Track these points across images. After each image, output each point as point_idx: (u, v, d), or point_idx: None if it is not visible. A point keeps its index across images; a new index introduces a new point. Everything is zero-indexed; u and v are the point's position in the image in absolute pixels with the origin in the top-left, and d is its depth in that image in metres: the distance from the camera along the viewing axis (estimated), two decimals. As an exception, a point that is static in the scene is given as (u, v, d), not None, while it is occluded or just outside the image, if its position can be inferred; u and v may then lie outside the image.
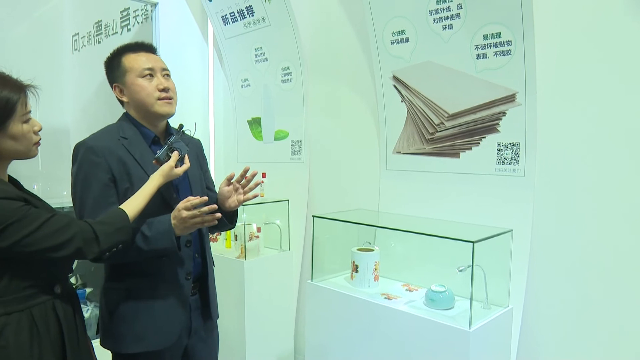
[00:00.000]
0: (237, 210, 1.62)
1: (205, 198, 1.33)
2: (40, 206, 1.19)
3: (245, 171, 1.50)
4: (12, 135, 1.14)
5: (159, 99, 1.45)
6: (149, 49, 1.51)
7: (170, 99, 1.48)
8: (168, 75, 1.50)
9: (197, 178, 1.58)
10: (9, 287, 1.12)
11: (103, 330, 1.48)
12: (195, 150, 1.64)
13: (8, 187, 1.15)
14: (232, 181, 1.51)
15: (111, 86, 1.51)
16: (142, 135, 1.48)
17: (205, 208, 1.32)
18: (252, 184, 1.53)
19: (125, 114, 1.51)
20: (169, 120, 1.56)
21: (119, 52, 1.49)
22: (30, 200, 1.17)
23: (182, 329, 1.48)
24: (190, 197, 1.34)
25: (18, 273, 1.13)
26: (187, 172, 1.52)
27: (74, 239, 1.14)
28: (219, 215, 1.35)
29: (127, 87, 1.46)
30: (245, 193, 1.53)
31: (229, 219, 1.60)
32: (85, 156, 1.38)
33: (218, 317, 1.66)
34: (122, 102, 1.52)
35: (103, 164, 1.37)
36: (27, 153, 1.20)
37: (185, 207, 1.32)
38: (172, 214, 1.36)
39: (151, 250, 1.36)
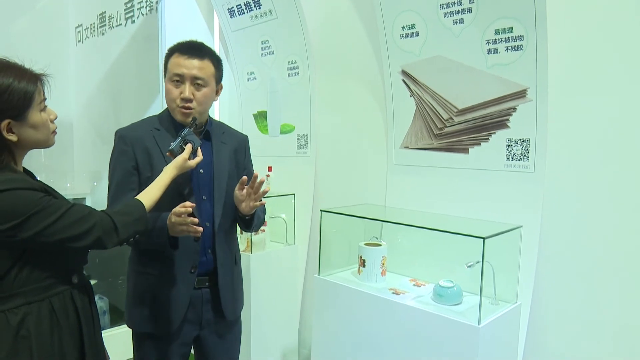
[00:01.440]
0: (253, 218, 1.59)
1: (189, 210, 1.32)
2: (58, 197, 1.20)
3: (255, 178, 1.48)
4: (33, 124, 1.16)
5: (178, 106, 1.49)
6: (192, 52, 1.48)
7: (188, 109, 1.48)
8: (200, 84, 1.48)
9: (224, 173, 1.58)
10: (30, 277, 1.14)
11: (126, 308, 1.60)
12: (234, 145, 1.65)
13: (28, 177, 1.17)
14: (245, 186, 1.50)
15: None
16: (175, 129, 1.53)
17: (189, 219, 1.33)
18: (260, 192, 1.50)
19: (167, 108, 1.57)
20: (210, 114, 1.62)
21: (170, 50, 1.53)
22: (50, 191, 1.18)
23: (187, 317, 1.52)
24: (187, 203, 1.33)
25: (38, 263, 1.15)
26: (213, 166, 1.55)
27: (94, 229, 1.16)
28: (200, 229, 1.35)
29: (165, 87, 1.53)
30: (254, 200, 1.50)
31: (244, 222, 1.59)
32: (117, 144, 1.50)
33: (236, 316, 1.67)
34: None
35: (129, 152, 1.46)
36: (47, 142, 1.22)
37: (175, 212, 1.33)
38: (169, 215, 1.37)
39: (149, 242, 1.43)
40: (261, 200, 1.52)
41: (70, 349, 1.19)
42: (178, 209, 1.32)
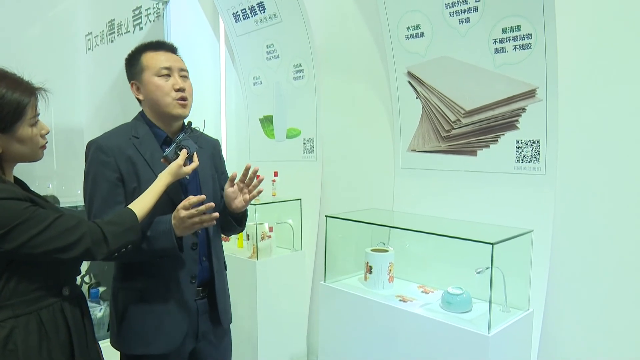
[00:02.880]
0: (246, 213, 1.58)
1: (203, 197, 1.29)
2: (47, 207, 1.17)
3: (247, 169, 1.45)
4: (20, 139, 1.14)
5: (175, 99, 1.44)
6: (170, 48, 1.50)
7: (185, 100, 1.45)
8: (186, 76, 1.48)
9: (208, 178, 1.55)
10: (17, 289, 1.11)
11: (111, 330, 1.49)
12: (210, 150, 1.61)
13: (14, 187, 1.14)
14: (235, 181, 1.47)
15: (129, 83, 1.50)
16: (154, 135, 1.47)
17: (202, 207, 1.28)
18: (255, 181, 1.48)
19: (141, 113, 1.51)
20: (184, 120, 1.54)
21: (139, 49, 1.48)
22: (37, 201, 1.15)
23: (186, 333, 1.46)
24: (191, 197, 1.30)
25: (26, 275, 1.12)
26: (198, 172, 1.50)
27: (82, 239, 1.13)
28: (216, 214, 1.31)
29: (144, 85, 1.45)
30: (250, 192, 1.48)
31: (237, 221, 1.56)
32: (95, 155, 1.38)
33: (230, 322, 1.63)
34: (139, 100, 1.51)
35: (112, 163, 1.37)
36: (33, 156, 1.20)
37: (184, 206, 1.29)
38: (173, 214, 1.33)
39: (151, 250, 1.34)
40: (258, 189, 1.48)
41: None
42: (186, 201, 1.28)
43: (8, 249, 1.06)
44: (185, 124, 1.53)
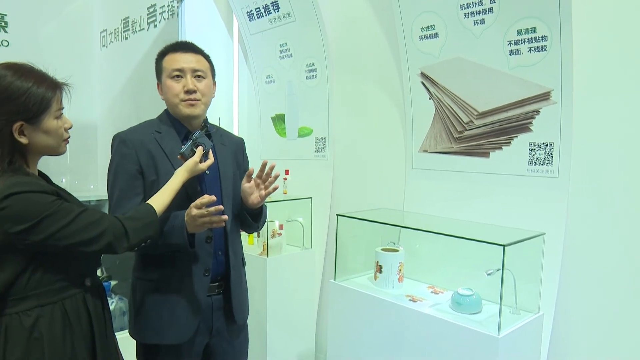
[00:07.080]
0: (262, 209, 1.60)
1: (214, 198, 1.30)
2: (71, 200, 1.21)
3: (264, 165, 1.48)
4: (45, 130, 1.17)
5: (182, 100, 1.47)
6: (186, 48, 1.52)
7: (194, 100, 1.48)
8: (200, 76, 1.50)
9: (230, 175, 1.57)
10: (42, 280, 1.14)
11: (129, 319, 1.54)
12: (234, 147, 1.64)
13: (41, 181, 1.18)
14: (252, 177, 1.49)
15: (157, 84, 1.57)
16: (176, 131, 1.52)
17: (212, 208, 1.30)
18: (271, 177, 1.50)
19: (165, 110, 1.56)
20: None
21: (163, 51, 1.53)
22: (62, 195, 1.19)
23: (199, 327, 1.48)
24: (206, 195, 1.32)
25: (51, 266, 1.15)
26: (218, 169, 1.53)
27: (104, 233, 1.16)
28: (225, 217, 1.33)
29: (162, 86, 1.52)
30: (266, 188, 1.50)
31: (253, 217, 1.57)
32: (118, 148, 1.45)
33: (246, 319, 1.65)
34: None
35: (132, 156, 1.43)
36: (57, 149, 1.23)
37: (196, 205, 1.31)
38: (187, 211, 1.36)
39: (163, 244, 1.38)
40: (274, 186, 1.51)
41: (82, 352, 1.19)
42: (199, 200, 1.30)
43: (35, 241, 1.09)
44: (207, 121, 1.57)
